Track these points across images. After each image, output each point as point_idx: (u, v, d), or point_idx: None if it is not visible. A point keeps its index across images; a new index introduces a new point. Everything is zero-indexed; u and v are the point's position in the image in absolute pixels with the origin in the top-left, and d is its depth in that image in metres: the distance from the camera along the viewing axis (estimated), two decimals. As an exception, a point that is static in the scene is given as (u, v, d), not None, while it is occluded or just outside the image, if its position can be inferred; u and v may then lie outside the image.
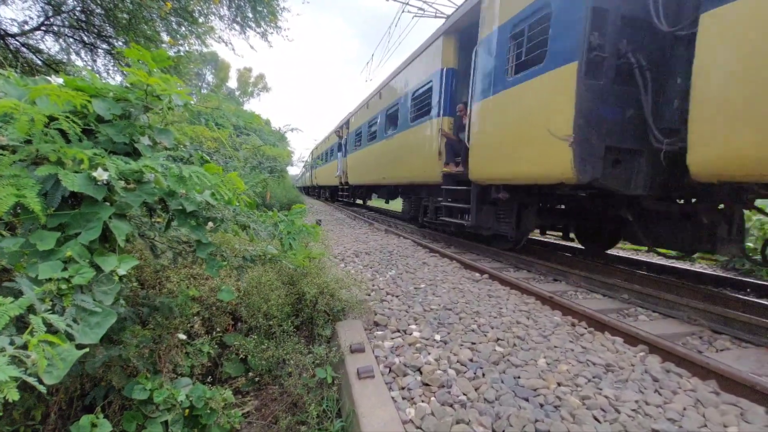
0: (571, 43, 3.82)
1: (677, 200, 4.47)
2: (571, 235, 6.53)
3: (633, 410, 1.94)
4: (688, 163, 3.02)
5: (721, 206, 3.91)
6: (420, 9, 10.82)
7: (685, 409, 1.98)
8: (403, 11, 10.98)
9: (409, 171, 8.30)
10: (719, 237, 3.93)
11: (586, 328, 3.05)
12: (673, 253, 5.56)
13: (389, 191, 11.93)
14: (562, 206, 6.06)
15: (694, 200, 4.33)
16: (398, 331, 2.90)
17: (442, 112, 6.80)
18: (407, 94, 8.53)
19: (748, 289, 4.56)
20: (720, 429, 1.82)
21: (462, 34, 6.73)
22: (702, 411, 1.97)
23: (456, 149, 6.64)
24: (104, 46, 8.41)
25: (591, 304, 3.75)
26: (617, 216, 4.83)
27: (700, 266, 6.72)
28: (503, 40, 4.99)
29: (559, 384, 2.18)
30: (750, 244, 6.14)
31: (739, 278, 4.93)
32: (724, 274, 5.42)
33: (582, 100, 3.72)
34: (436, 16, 10.89)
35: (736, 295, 3.86)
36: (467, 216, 6.07)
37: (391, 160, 9.46)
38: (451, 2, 9.52)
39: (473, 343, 2.67)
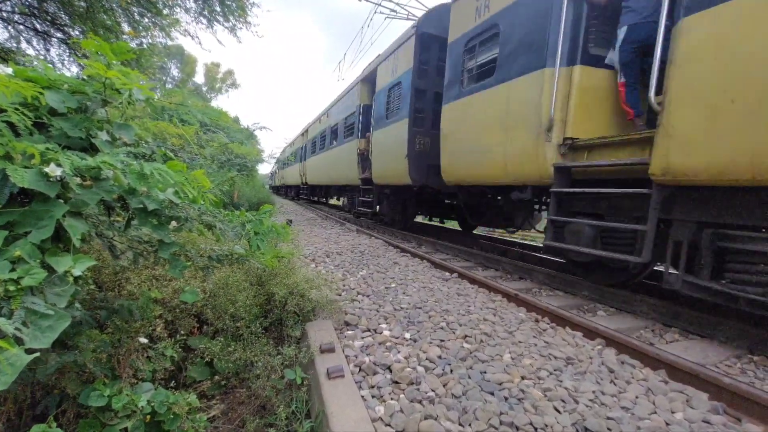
0: (406, 106, 7.10)
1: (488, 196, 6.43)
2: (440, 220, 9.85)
3: (590, 400, 2.05)
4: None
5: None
6: (392, 11, 10.88)
7: (637, 397, 2.10)
8: (375, 12, 11.00)
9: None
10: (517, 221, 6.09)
11: (548, 324, 3.18)
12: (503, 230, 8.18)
13: None
14: (435, 201, 8.55)
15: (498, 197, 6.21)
16: (369, 330, 2.91)
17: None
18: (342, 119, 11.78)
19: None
20: (668, 415, 1.95)
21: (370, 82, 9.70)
22: (652, 399, 2.10)
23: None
24: (59, 35, 7.93)
25: (553, 300, 3.91)
26: (476, 206, 6.99)
27: (653, 264, 7.13)
28: (381, 101, 8.42)
29: (522, 378, 2.27)
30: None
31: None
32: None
33: (411, 137, 6.99)
34: (408, 18, 10.99)
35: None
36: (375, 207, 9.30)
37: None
38: (422, 5, 9.64)
39: (442, 341, 2.72)
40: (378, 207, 9.34)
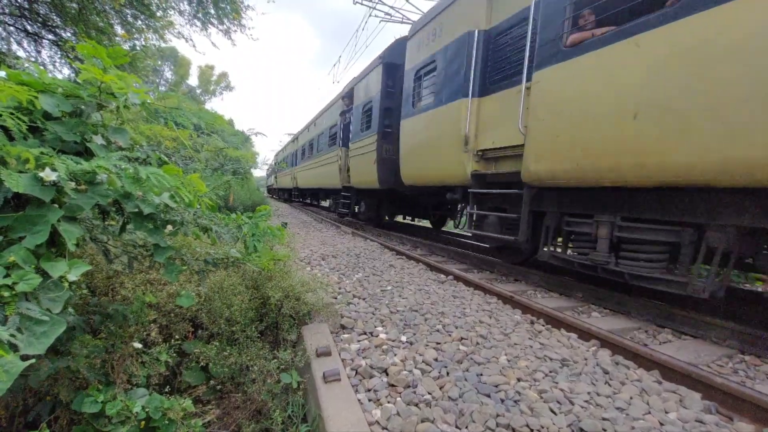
0: (375, 122, 8.44)
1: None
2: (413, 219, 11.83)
3: (586, 401, 2.06)
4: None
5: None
6: (386, 14, 10.93)
7: (631, 398, 2.12)
8: (370, 15, 11.04)
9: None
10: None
11: (543, 326, 3.20)
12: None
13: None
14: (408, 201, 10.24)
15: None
16: (365, 333, 2.91)
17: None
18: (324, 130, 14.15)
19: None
20: (662, 415, 1.97)
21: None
22: (646, 399, 2.12)
23: None
24: (50, 36, 7.86)
25: (549, 302, 3.93)
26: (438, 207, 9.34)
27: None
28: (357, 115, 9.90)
29: (518, 379, 2.28)
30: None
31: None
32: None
33: (380, 147, 8.26)
34: (402, 22, 11.04)
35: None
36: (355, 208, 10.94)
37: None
38: (417, 9, 9.68)
39: (438, 343, 2.73)
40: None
